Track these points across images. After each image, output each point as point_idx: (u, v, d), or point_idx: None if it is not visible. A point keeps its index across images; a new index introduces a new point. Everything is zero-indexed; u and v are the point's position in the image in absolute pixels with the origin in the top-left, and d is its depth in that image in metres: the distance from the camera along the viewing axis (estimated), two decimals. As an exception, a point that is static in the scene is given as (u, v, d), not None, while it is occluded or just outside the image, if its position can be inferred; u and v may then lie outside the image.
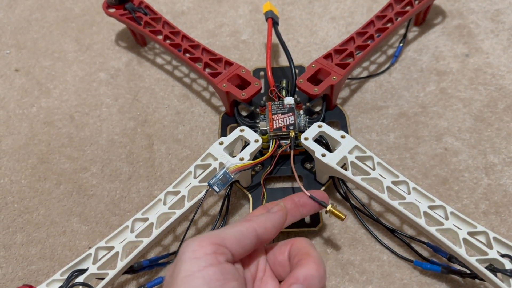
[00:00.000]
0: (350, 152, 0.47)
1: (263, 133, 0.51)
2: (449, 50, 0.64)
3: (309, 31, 0.70)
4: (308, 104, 0.57)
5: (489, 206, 0.50)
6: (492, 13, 0.68)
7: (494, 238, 0.41)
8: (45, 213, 0.54)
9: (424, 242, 0.47)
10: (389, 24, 0.59)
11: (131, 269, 0.45)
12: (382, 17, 0.60)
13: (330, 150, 0.49)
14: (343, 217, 0.42)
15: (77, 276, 0.42)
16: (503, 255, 0.40)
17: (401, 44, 0.65)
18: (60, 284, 0.42)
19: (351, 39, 0.58)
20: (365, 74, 0.64)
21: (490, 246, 0.40)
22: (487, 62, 0.62)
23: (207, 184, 0.44)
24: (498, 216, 0.49)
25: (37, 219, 0.54)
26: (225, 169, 0.44)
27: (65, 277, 0.42)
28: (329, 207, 0.42)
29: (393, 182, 0.45)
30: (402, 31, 0.67)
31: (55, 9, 0.78)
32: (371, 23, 0.60)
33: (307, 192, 0.41)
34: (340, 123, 0.57)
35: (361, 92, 0.62)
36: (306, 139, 0.48)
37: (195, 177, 0.47)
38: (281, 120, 0.51)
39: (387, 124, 0.58)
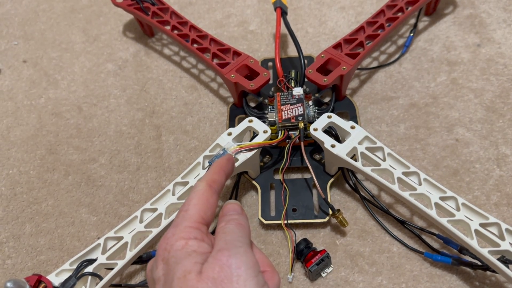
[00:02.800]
0: (360, 143, 0.47)
1: (271, 124, 0.51)
2: (460, 40, 0.63)
3: (318, 21, 0.69)
4: (317, 94, 0.57)
5: (501, 197, 0.49)
6: (505, 2, 0.66)
7: (507, 230, 0.40)
8: (53, 203, 0.54)
9: (434, 234, 0.46)
10: (399, 14, 0.59)
11: (140, 259, 0.45)
12: (392, 7, 0.59)
13: (339, 141, 0.48)
14: (346, 225, 0.47)
15: (86, 266, 0.42)
16: (515, 247, 0.39)
17: (411, 34, 0.64)
18: (69, 274, 0.42)
19: (361, 28, 0.57)
20: (375, 64, 0.63)
21: (502, 238, 0.40)
22: (499, 52, 0.61)
23: (208, 163, 0.44)
24: (509, 207, 0.48)
25: (46, 210, 0.54)
26: (225, 149, 0.45)
27: (74, 267, 0.42)
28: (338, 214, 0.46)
29: (404, 173, 0.44)
30: (413, 21, 0.66)
31: (63, 0, 0.78)
32: (381, 12, 0.59)
33: (320, 190, 0.41)
34: (350, 114, 0.57)
35: (371, 82, 0.61)
36: (315, 129, 0.48)
37: (203, 168, 0.47)
38: (290, 111, 0.51)
39: (397, 115, 0.57)
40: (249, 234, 0.32)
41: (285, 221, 0.48)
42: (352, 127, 0.48)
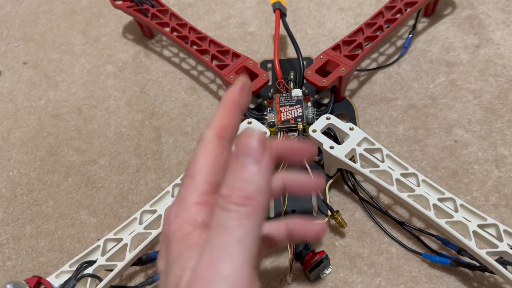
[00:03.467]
0: (358, 144, 0.47)
1: (270, 126, 0.51)
2: (459, 41, 0.63)
3: (317, 22, 0.69)
4: (316, 96, 0.57)
5: (499, 198, 0.49)
6: (503, 3, 0.66)
7: (505, 231, 0.40)
8: (53, 205, 0.55)
9: (433, 235, 0.46)
10: (398, 15, 0.59)
11: (139, 261, 0.45)
12: (391, 8, 0.59)
13: (338, 142, 0.49)
14: (345, 226, 0.47)
15: (86, 267, 0.42)
16: (513, 248, 0.39)
17: (410, 35, 0.64)
18: (69, 275, 0.42)
19: (359, 30, 0.58)
20: (374, 65, 0.63)
21: (500, 239, 0.40)
22: (498, 53, 0.61)
23: None
24: (508, 208, 0.48)
25: (46, 211, 0.54)
26: None
27: (74, 268, 0.42)
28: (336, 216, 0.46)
29: (402, 175, 0.45)
30: (412, 22, 0.66)
31: (62, 2, 0.78)
32: (380, 14, 0.59)
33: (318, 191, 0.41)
34: (349, 115, 0.57)
35: (370, 83, 0.61)
36: (314, 131, 0.48)
37: (203, 170, 0.47)
38: (289, 112, 0.51)
39: (396, 116, 0.57)
40: (260, 227, 0.22)
41: (284, 223, 0.48)
42: (351, 129, 0.48)
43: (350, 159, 0.46)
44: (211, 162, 0.25)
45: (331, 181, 0.51)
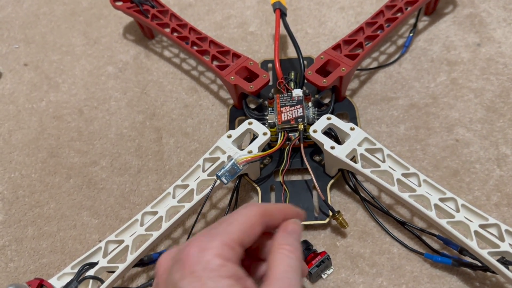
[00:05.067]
0: (359, 145, 0.47)
1: (271, 126, 0.51)
2: (460, 40, 0.63)
3: (317, 22, 0.69)
4: (316, 96, 0.57)
5: (501, 198, 0.49)
6: (504, 1, 0.66)
7: (506, 231, 0.40)
8: (55, 207, 0.55)
9: (434, 235, 0.46)
10: (399, 14, 0.59)
11: (141, 262, 0.46)
12: (391, 7, 0.59)
13: (339, 142, 0.49)
14: (346, 227, 0.47)
15: (87, 269, 0.42)
16: (515, 248, 0.39)
17: (411, 34, 0.64)
18: (71, 277, 0.42)
19: (360, 29, 0.57)
20: (374, 64, 0.63)
21: (502, 239, 0.40)
22: (499, 52, 0.61)
23: (215, 176, 0.44)
24: (510, 208, 0.48)
25: (48, 213, 0.54)
26: (233, 160, 0.44)
27: (76, 270, 0.42)
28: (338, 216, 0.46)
29: (403, 175, 0.44)
30: (412, 20, 0.66)
31: (63, 3, 0.78)
32: (380, 13, 0.59)
33: (319, 192, 0.41)
34: (350, 115, 0.57)
35: (371, 83, 0.61)
36: (315, 131, 0.48)
37: (203, 171, 0.47)
38: (289, 113, 0.51)
39: (397, 115, 0.57)
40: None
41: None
42: (352, 129, 0.48)
43: (351, 159, 0.46)
44: (248, 225, 0.30)
45: (332, 181, 0.51)
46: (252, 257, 0.34)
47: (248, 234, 0.30)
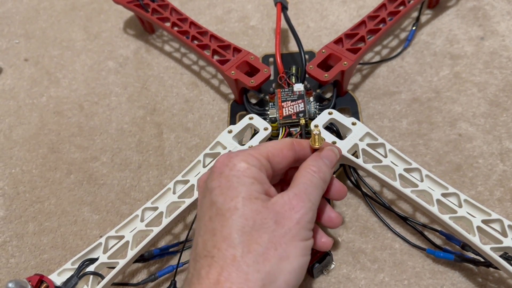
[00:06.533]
0: (361, 139, 0.46)
1: (272, 121, 0.50)
2: (464, 33, 0.62)
3: (319, 15, 0.69)
4: (318, 90, 0.56)
5: (504, 193, 0.49)
6: (509, -7, 0.65)
7: (509, 226, 0.40)
8: (56, 202, 0.55)
9: (437, 230, 0.46)
10: (401, 7, 0.58)
11: (142, 258, 0.46)
12: (394, 0, 0.58)
13: (341, 137, 0.48)
14: (318, 145, 0.38)
15: (88, 265, 0.42)
16: (518, 244, 0.39)
17: (414, 28, 0.63)
18: (71, 273, 0.42)
19: (362, 23, 0.57)
20: (377, 58, 0.63)
21: (504, 234, 0.39)
22: (503, 45, 0.60)
23: None
24: (513, 203, 0.48)
25: (49, 209, 0.54)
26: None
27: (76, 266, 0.42)
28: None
29: (406, 170, 0.44)
30: (415, 14, 0.65)
31: (63, -2, 0.78)
32: (383, 6, 0.58)
33: None
34: (351, 109, 0.56)
35: (373, 77, 0.60)
36: (316, 126, 0.47)
37: (204, 166, 0.47)
38: (290, 108, 0.51)
39: (399, 110, 0.57)
40: (325, 190, 0.37)
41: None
42: (353, 124, 0.47)
43: (353, 154, 0.46)
44: (277, 149, 0.35)
45: (333, 176, 0.50)
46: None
47: (276, 154, 0.35)
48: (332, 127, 0.49)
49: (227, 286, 0.29)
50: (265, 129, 0.48)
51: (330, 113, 0.48)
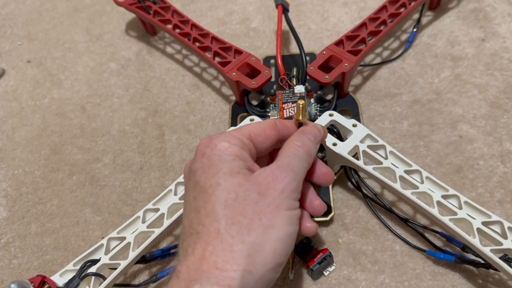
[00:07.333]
0: (361, 141, 0.46)
1: (273, 123, 0.50)
2: (465, 35, 0.63)
3: (320, 17, 0.69)
4: (319, 92, 0.57)
5: (505, 194, 0.49)
6: (510, -5, 0.66)
7: (509, 228, 0.40)
8: (58, 203, 0.55)
9: (437, 232, 0.46)
10: (402, 9, 0.58)
11: (143, 259, 0.46)
12: (395, 2, 0.59)
13: (341, 139, 0.48)
14: (302, 118, 0.38)
15: (89, 266, 0.42)
16: (518, 245, 0.39)
17: (415, 29, 0.63)
18: (73, 274, 0.42)
19: (363, 25, 0.57)
20: (378, 60, 0.63)
21: (504, 236, 0.39)
22: (504, 47, 0.60)
23: None
24: (514, 204, 0.48)
25: (51, 210, 0.54)
26: None
27: (78, 267, 0.42)
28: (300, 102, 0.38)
29: (406, 171, 0.44)
30: (416, 15, 0.65)
31: (66, -1, 0.78)
32: (383, 8, 0.59)
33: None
34: (352, 111, 0.56)
35: (374, 79, 0.61)
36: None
37: (205, 168, 0.47)
38: (291, 109, 0.51)
39: (400, 111, 0.57)
40: (310, 164, 0.37)
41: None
42: (354, 125, 0.47)
43: (353, 156, 0.46)
44: (258, 128, 0.36)
45: (334, 178, 0.50)
46: None
47: (258, 134, 0.35)
48: (333, 129, 0.50)
49: (213, 260, 0.29)
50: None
51: (330, 115, 0.48)
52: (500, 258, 0.38)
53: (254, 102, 0.58)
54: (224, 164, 0.32)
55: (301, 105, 0.37)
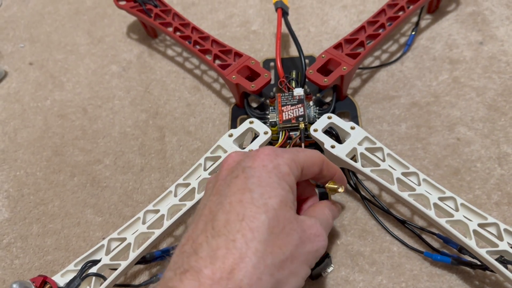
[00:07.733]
0: (359, 144, 0.47)
1: (272, 125, 0.51)
2: (463, 38, 0.63)
3: (320, 20, 0.69)
4: (318, 94, 0.57)
5: (502, 196, 0.49)
6: (508, -1, 0.66)
7: (505, 230, 0.40)
8: (60, 204, 0.55)
9: (434, 233, 0.46)
10: (400, 13, 0.59)
11: (143, 260, 0.46)
12: (393, 5, 0.59)
13: (340, 141, 0.49)
14: (340, 190, 0.39)
15: (90, 266, 0.43)
16: (514, 247, 0.39)
17: (413, 33, 0.64)
18: (74, 274, 0.43)
19: (361, 28, 0.58)
20: (376, 63, 0.63)
21: (500, 238, 0.40)
22: (502, 50, 0.61)
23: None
24: (510, 207, 0.48)
25: (52, 211, 0.55)
26: None
27: (79, 267, 0.43)
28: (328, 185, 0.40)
29: (403, 174, 0.45)
30: (415, 19, 0.66)
31: (67, 2, 0.79)
32: (382, 11, 0.59)
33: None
34: (351, 113, 0.57)
35: (373, 81, 0.61)
36: (315, 130, 0.48)
37: (205, 169, 0.48)
38: (290, 112, 0.51)
39: (398, 114, 0.57)
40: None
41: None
42: (352, 128, 0.48)
43: (352, 158, 0.47)
44: (309, 161, 0.36)
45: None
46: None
47: (307, 168, 0.36)
48: (331, 131, 0.50)
49: (239, 278, 0.28)
50: (265, 133, 0.49)
51: (329, 118, 0.49)
52: (496, 259, 0.39)
53: (254, 105, 0.59)
54: (282, 191, 0.32)
55: (340, 190, 0.39)
